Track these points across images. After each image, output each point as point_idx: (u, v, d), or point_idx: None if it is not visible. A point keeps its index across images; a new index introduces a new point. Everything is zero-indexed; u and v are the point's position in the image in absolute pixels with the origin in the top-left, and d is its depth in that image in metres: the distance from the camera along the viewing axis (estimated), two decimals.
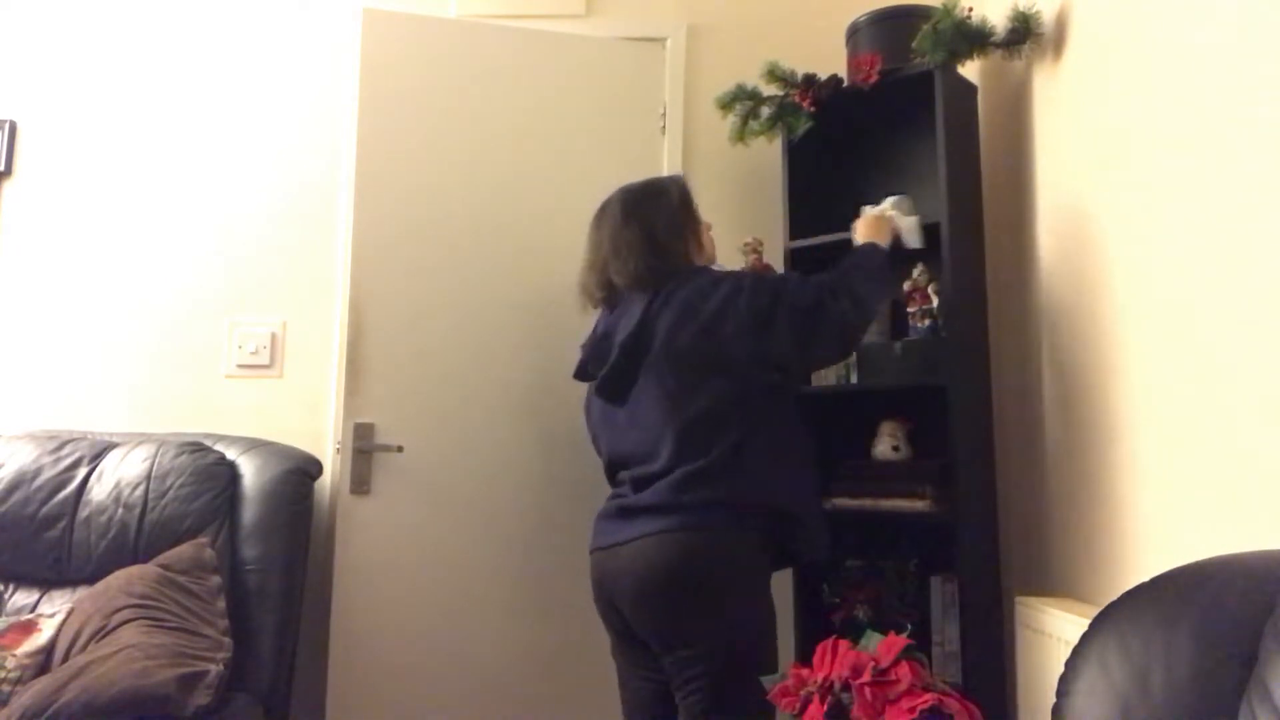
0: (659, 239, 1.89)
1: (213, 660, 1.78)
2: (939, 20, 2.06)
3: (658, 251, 1.87)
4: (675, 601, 1.63)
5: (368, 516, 2.31)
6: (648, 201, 1.94)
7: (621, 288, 1.90)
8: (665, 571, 1.63)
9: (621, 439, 1.83)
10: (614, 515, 1.77)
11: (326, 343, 2.57)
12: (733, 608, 1.65)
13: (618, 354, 1.82)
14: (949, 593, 2.07)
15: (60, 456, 2.19)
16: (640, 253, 1.86)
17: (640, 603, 1.67)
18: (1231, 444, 1.34)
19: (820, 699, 1.73)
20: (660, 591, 1.63)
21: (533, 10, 2.68)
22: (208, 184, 2.64)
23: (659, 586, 1.63)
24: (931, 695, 1.65)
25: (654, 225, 1.90)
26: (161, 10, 2.71)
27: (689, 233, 1.93)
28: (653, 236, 1.88)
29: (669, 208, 1.93)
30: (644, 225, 1.89)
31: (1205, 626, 0.97)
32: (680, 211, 1.94)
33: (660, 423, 1.73)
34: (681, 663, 1.64)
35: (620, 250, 1.88)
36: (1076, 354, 1.86)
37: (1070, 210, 1.90)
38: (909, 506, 2.09)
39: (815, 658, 1.95)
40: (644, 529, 1.67)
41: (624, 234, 1.89)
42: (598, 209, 2.00)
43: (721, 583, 1.64)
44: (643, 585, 1.65)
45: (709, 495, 1.66)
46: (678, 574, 1.63)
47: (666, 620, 1.65)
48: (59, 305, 2.59)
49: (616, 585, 1.71)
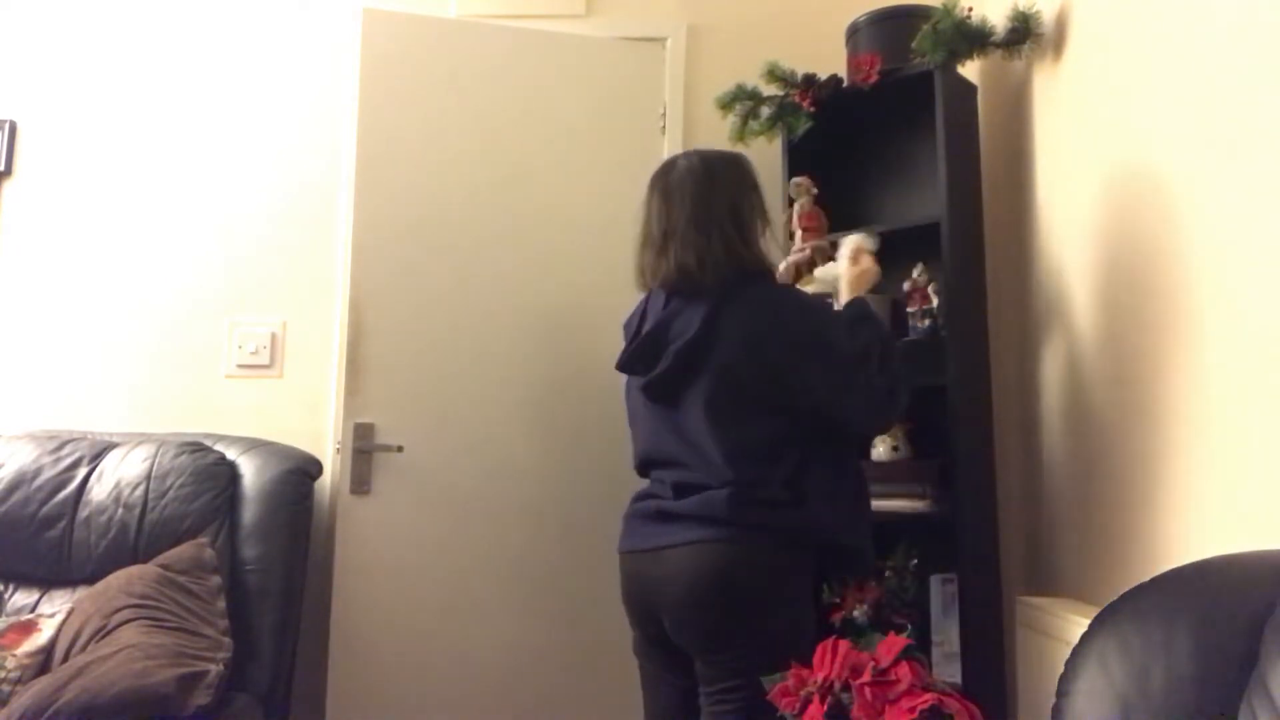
0: (746, 225, 1.65)
1: (213, 660, 1.78)
2: (939, 20, 2.06)
3: (745, 241, 1.64)
4: (720, 609, 1.54)
5: (368, 516, 2.31)
6: (732, 173, 1.69)
7: (675, 278, 1.64)
8: (713, 578, 1.53)
9: (661, 440, 1.68)
10: (652, 518, 1.64)
11: (326, 343, 2.57)
12: (776, 619, 1.56)
13: (673, 361, 1.62)
14: (949, 593, 2.07)
15: (60, 456, 2.19)
16: (725, 239, 1.62)
17: (684, 609, 1.56)
18: (1232, 443, 1.34)
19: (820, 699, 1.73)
20: (706, 599, 1.54)
21: (533, 10, 2.68)
22: (208, 184, 2.64)
23: (705, 594, 1.53)
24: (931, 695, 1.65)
25: (740, 206, 1.66)
26: (161, 10, 2.71)
27: (764, 223, 1.71)
28: (739, 218, 1.65)
29: (753, 187, 1.69)
30: (731, 201, 1.65)
31: (1205, 626, 0.97)
32: (759, 195, 1.70)
33: (708, 435, 1.58)
34: (717, 669, 1.56)
35: (695, 231, 1.62)
36: (1076, 354, 1.86)
37: (1070, 210, 1.90)
38: (909, 506, 2.10)
39: (815, 658, 1.95)
40: (690, 535, 1.56)
41: (704, 215, 1.63)
42: (657, 177, 1.73)
43: (767, 592, 1.56)
44: (689, 592, 1.54)
45: (764, 519, 1.55)
46: (725, 581, 1.53)
47: (710, 627, 1.55)
48: (59, 305, 2.59)
49: (659, 591, 1.59)
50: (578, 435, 2.44)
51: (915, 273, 2.19)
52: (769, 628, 1.55)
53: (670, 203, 1.67)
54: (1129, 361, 1.64)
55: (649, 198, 1.72)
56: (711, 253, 1.61)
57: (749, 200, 1.68)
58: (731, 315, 1.59)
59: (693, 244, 1.62)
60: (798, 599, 1.61)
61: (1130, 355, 1.63)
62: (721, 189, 1.66)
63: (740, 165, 1.72)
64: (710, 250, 1.61)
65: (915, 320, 2.19)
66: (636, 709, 1.79)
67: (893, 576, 2.15)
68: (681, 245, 1.62)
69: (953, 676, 2.00)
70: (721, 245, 1.61)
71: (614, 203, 2.57)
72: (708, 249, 1.61)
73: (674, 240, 1.64)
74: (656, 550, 1.61)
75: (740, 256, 1.63)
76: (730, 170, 1.69)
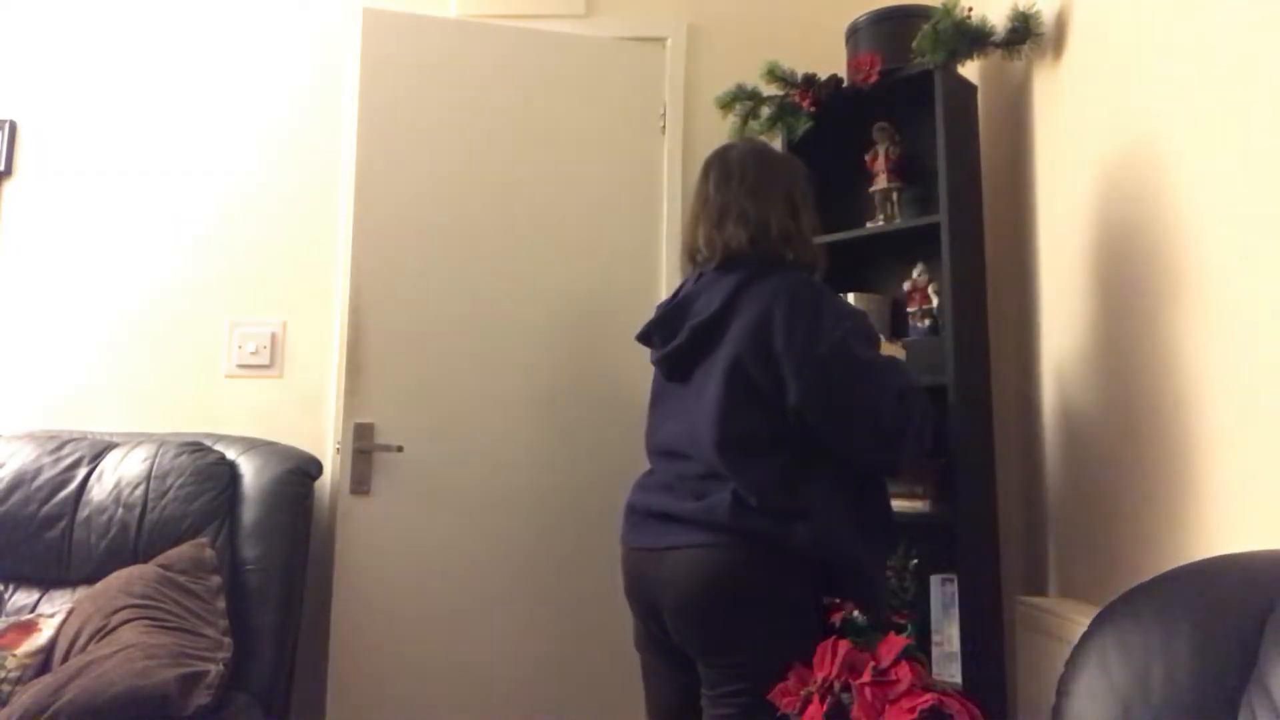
0: (800, 211, 1.67)
1: (213, 660, 1.78)
2: (939, 20, 2.06)
3: (798, 227, 1.65)
4: (719, 615, 1.53)
5: (368, 516, 2.31)
6: (789, 163, 1.74)
7: (720, 255, 1.64)
8: (712, 584, 1.52)
9: (663, 423, 1.68)
10: (656, 516, 1.62)
11: (326, 343, 2.57)
12: (777, 625, 1.54)
13: (688, 337, 1.63)
14: (949, 593, 2.07)
15: (60, 456, 2.19)
16: (780, 217, 1.63)
17: (684, 613, 1.55)
18: (1233, 443, 1.34)
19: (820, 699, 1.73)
20: (705, 604, 1.52)
21: (533, 10, 2.68)
22: (208, 184, 2.64)
23: (704, 599, 1.52)
24: (931, 695, 1.65)
25: (794, 194, 1.68)
26: (161, 11, 2.71)
27: (809, 218, 1.71)
28: (794, 204, 1.66)
29: (808, 180, 1.73)
30: (787, 188, 1.67)
31: (1205, 626, 0.97)
32: (811, 191, 1.73)
33: (709, 420, 1.56)
34: (718, 673, 1.55)
35: (754, 206, 1.63)
36: (1076, 354, 1.86)
37: (1070, 210, 1.90)
38: (909, 506, 2.10)
39: (815, 658, 1.95)
40: (692, 539, 1.54)
41: (763, 192, 1.64)
42: (713, 158, 1.74)
43: (767, 600, 1.53)
44: (688, 596, 1.53)
45: (767, 527, 1.51)
46: (724, 587, 1.51)
47: (709, 632, 1.54)
48: (59, 305, 2.59)
49: (660, 591, 1.59)
50: (578, 435, 2.44)
51: (915, 272, 2.20)
52: (769, 634, 1.53)
53: (730, 179, 1.67)
54: (1129, 361, 1.64)
55: (704, 177, 1.72)
56: (765, 230, 1.61)
57: (802, 190, 1.70)
58: (751, 297, 1.57)
59: (752, 218, 1.62)
60: (799, 606, 1.57)
61: (1130, 355, 1.63)
62: (781, 173, 1.69)
63: (795, 159, 1.78)
64: (764, 227, 1.62)
65: (915, 320, 2.19)
66: (637, 708, 1.79)
67: (893, 576, 2.15)
68: (737, 220, 1.63)
69: (953, 676, 2.00)
70: (776, 225, 1.62)
71: (614, 202, 2.58)
72: (761, 226, 1.62)
73: (729, 215, 1.64)
74: (659, 550, 1.60)
75: (790, 240, 1.63)
76: (787, 160, 1.76)
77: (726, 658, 1.54)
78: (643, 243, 2.59)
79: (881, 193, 2.31)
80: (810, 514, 1.52)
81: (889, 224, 2.26)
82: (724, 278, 1.62)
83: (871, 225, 2.28)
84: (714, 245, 1.65)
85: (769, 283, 1.57)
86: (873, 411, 1.54)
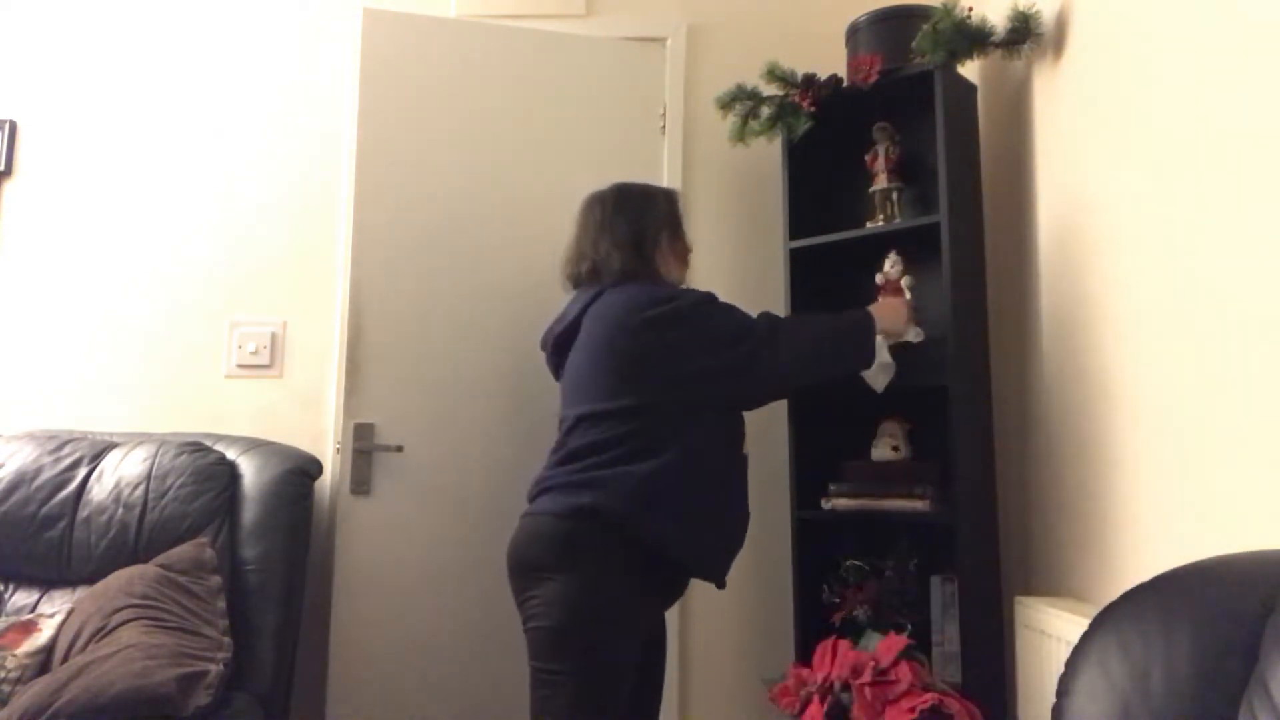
0: (642, 241, 1.94)
1: (213, 660, 1.78)
2: (939, 20, 2.06)
3: (638, 253, 1.92)
4: (516, 575, 1.76)
5: (368, 516, 2.31)
6: (640, 202, 1.99)
7: (584, 277, 1.96)
8: (514, 548, 1.78)
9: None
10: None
11: (326, 343, 2.57)
12: (563, 586, 1.68)
13: (551, 345, 2.00)
14: (949, 593, 2.07)
15: (60, 456, 2.19)
16: (619, 248, 1.91)
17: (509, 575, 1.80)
18: (1233, 443, 1.34)
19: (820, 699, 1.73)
20: (512, 566, 1.78)
21: (533, 10, 2.68)
22: (208, 184, 2.64)
23: (512, 562, 1.78)
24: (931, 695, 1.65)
25: (642, 226, 1.95)
26: (161, 10, 2.71)
27: (668, 246, 1.98)
28: (638, 238, 1.93)
29: (657, 214, 1.98)
30: (632, 224, 1.94)
31: (1205, 626, 0.97)
32: (667, 221, 1.99)
33: (564, 412, 1.87)
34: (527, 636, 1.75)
35: (600, 242, 1.93)
36: (1076, 354, 1.86)
37: (1070, 210, 1.90)
38: (909, 506, 2.10)
39: (815, 658, 1.95)
40: (527, 509, 1.83)
41: (611, 226, 1.94)
42: (589, 197, 2.03)
43: (554, 563, 1.70)
44: (508, 559, 1.80)
45: (588, 503, 1.71)
46: (519, 553, 1.76)
47: (515, 593, 1.78)
48: (59, 305, 2.59)
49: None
50: None
51: (888, 264, 2.21)
52: (551, 591, 1.68)
53: (587, 219, 2.00)
54: (1129, 360, 1.64)
55: (578, 215, 2.05)
56: (607, 264, 1.91)
57: (652, 224, 1.96)
58: (599, 304, 1.85)
59: (593, 255, 1.94)
60: (591, 573, 1.69)
61: (1130, 354, 1.63)
62: (627, 212, 1.97)
63: (649, 197, 2.01)
64: (605, 263, 1.92)
65: (882, 204, 2.28)
66: None
67: (893, 576, 2.16)
68: (584, 255, 1.97)
69: (953, 676, 2.00)
70: (615, 258, 1.91)
71: None
72: (604, 262, 1.92)
73: (578, 251, 1.99)
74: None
75: (626, 269, 1.89)
76: (641, 200, 2.00)
77: (526, 622, 1.75)
78: None
79: (881, 193, 2.31)
80: (606, 485, 1.71)
81: (889, 224, 2.26)
82: (581, 295, 1.94)
83: (871, 225, 2.28)
84: (568, 276, 2.01)
85: (621, 292, 1.85)
86: (746, 356, 1.82)
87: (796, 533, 2.24)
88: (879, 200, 2.31)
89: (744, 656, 2.46)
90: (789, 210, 2.35)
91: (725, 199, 2.64)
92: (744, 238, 2.63)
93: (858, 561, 2.21)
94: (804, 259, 2.34)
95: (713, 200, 2.65)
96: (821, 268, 2.40)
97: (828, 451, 2.29)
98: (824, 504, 2.22)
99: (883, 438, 2.22)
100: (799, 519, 2.24)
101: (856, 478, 2.20)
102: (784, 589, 2.36)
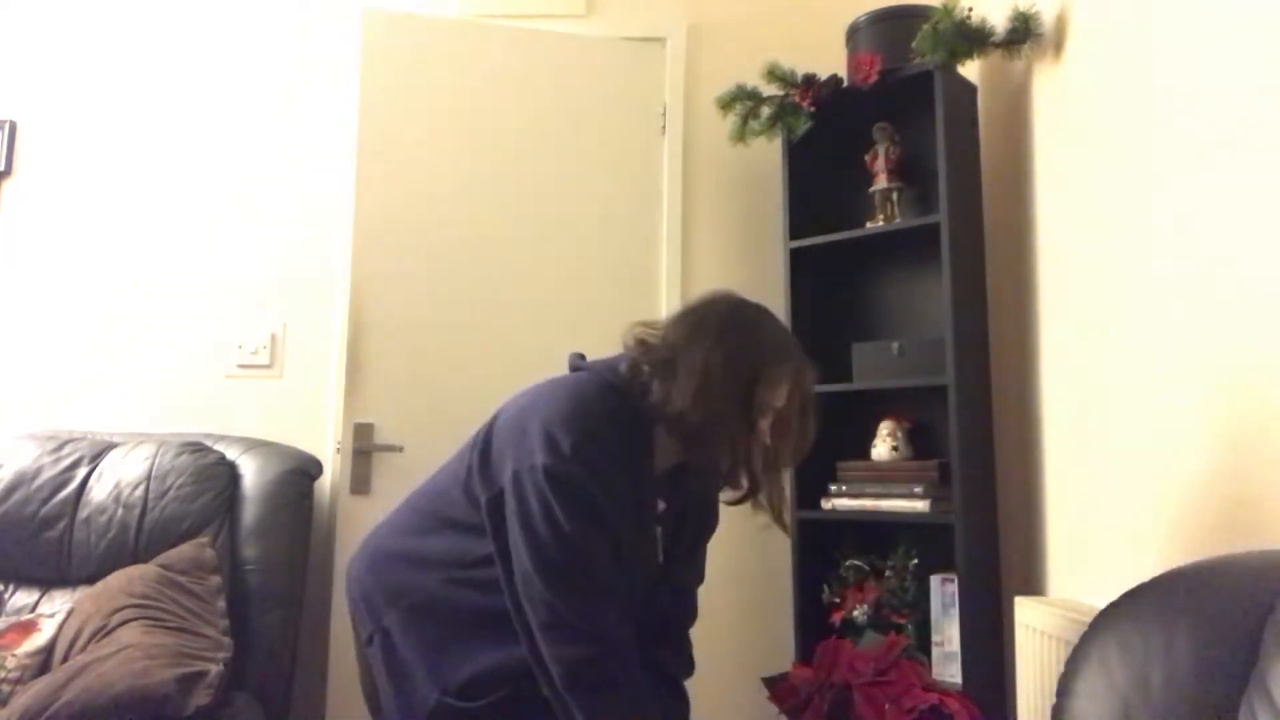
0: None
1: (213, 660, 1.78)
2: (939, 20, 2.06)
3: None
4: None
5: (368, 516, 2.30)
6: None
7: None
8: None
9: None
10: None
11: (326, 343, 2.57)
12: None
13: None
14: (949, 593, 2.07)
15: (60, 456, 2.19)
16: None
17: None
18: (1233, 443, 1.34)
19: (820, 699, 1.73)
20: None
21: (533, 10, 2.68)
22: (207, 184, 2.64)
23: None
24: (931, 695, 1.66)
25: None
26: (161, 10, 2.71)
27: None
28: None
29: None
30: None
31: (1205, 626, 0.97)
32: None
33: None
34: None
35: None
36: (1076, 353, 1.86)
37: (1070, 210, 1.90)
38: (909, 507, 2.10)
39: (815, 658, 1.96)
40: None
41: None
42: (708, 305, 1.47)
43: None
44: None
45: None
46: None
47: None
48: (59, 305, 2.59)
49: None
50: None
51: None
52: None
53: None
54: (1128, 360, 1.64)
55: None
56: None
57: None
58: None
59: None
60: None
61: (1130, 354, 1.63)
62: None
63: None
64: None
65: (882, 204, 2.29)
66: None
67: (893, 576, 2.16)
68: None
69: (953, 676, 2.00)
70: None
71: (614, 202, 2.58)
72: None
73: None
74: None
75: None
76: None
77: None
78: (642, 242, 2.59)
79: (881, 193, 2.31)
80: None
81: (889, 224, 2.26)
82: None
83: (871, 225, 2.28)
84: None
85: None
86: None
87: (796, 533, 2.24)
88: (879, 200, 2.31)
89: (744, 656, 2.46)
90: (789, 210, 2.35)
91: (725, 199, 2.64)
92: (744, 238, 2.63)
93: (858, 561, 2.21)
94: (804, 259, 2.34)
95: (713, 200, 2.64)
96: (821, 268, 2.40)
97: (828, 451, 2.29)
98: (824, 504, 2.22)
99: (882, 437, 2.22)
100: (799, 519, 2.25)
101: (856, 478, 2.20)
102: (784, 589, 2.36)
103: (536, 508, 1.27)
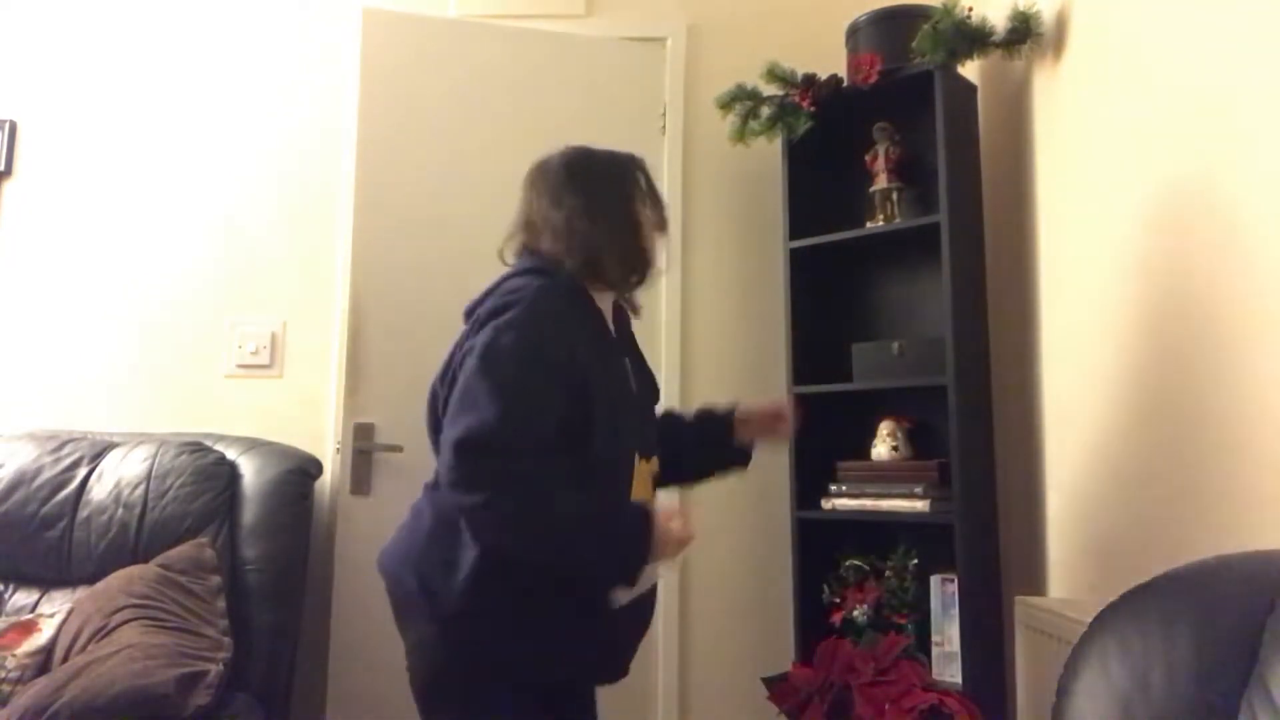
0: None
1: (213, 660, 1.78)
2: (939, 20, 2.06)
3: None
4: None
5: (368, 516, 2.30)
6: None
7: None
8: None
9: None
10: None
11: (326, 343, 2.57)
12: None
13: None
14: (949, 593, 2.07)
15: (60, 456, 2.19)
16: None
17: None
18: (1234, 443, 1.34)
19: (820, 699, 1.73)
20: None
21: (533, 10, 2.68)
22: (208, 184, 2.64)
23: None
24: (931, 695, 1.66)
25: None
26: (161, 10, 2.71)
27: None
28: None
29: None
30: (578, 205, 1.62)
31: (1205, 626, 0.97)
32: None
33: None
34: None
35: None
36: (1075, 353, 1.86)
37: (1070, 210, 1.90)
38: (909, 507, 2.10)
39: (815, 658, 1.95)
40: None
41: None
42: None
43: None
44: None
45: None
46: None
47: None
48: (59, 305, 2.59)
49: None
50: None
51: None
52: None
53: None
54: (1128, 360, 1.64)
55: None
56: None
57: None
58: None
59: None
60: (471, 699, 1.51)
61: (1129, 354, 1.63)
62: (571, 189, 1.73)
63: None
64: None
65: (882, 204, 2.29)
66: (637, 708, 1.79)
67: (892, 576, 2.16)
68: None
69: (953, 676, 2.00)
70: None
71: None
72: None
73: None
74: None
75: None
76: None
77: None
78: None
79: (881, 193, 2.31)
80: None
81: (889, 224, 2.26)
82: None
83: (871, 225, 2.28)
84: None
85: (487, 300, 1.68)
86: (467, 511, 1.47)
87: (796, 533, 2.25)
88: (879, 200, 2.31)
89: (744, 656, 2.46)
90: (789, 210, 2.36)
91: (725, 199, 2.64)
92: (744, 238, 2.62)
93: (858, 561, 2.21)
94: (804, 259, 2.34)
95: (713, 200, 2.64)
96: (821, 268, 2.40)
97: (827, 452, 2.29)
98: (824, 504, 2.22)
99: (882, 437, 2.22)
100: (799, 519, 2.25)
101: (856, 478, 2.20)
102: (784, 589, 2.36)
103: (460, 382, 1.50)
